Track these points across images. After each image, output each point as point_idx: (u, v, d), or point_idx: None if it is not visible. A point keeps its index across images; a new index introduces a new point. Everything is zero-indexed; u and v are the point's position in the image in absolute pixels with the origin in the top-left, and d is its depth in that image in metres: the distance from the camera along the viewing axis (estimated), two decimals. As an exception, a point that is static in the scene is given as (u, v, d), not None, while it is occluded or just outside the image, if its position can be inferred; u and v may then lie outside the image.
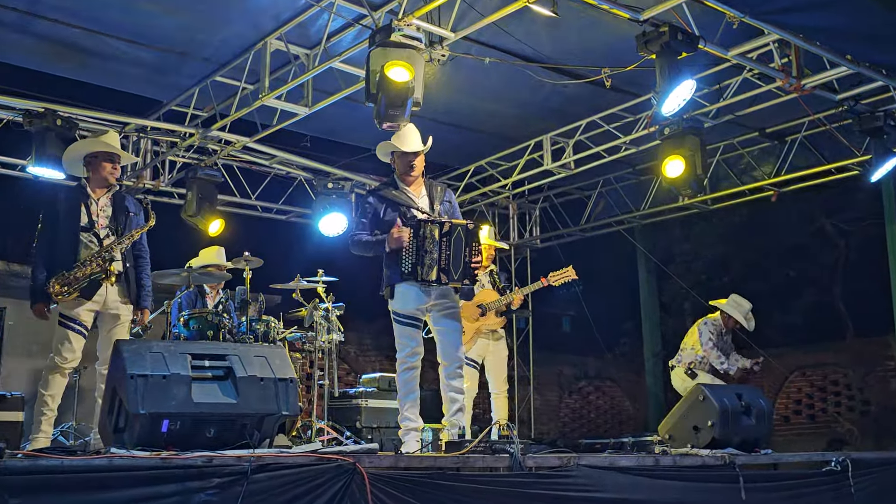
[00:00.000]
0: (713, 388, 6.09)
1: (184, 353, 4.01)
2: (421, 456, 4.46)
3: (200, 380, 3.99)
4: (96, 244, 5.32)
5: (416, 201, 5.31)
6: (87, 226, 5.34)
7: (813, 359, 13.09)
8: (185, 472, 3.50)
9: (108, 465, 3.42)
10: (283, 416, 4.13)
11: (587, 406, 14.31)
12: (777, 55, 6.77)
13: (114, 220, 5.41)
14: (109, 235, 5.37)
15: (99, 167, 5.44)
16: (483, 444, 4.62)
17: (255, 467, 3.61)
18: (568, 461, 4.70)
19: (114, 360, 4.06)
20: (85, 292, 5.24)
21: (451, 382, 5.26)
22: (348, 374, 11.63)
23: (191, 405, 3.88)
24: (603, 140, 8.80)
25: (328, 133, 9.18)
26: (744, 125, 8.92)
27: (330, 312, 7.19)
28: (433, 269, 5.10)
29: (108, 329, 5.38)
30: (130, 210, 5.51)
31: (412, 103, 5.76)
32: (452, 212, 5.43)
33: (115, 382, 4.01)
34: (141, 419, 3.79)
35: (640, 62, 6.28)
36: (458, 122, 8.65)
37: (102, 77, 7.73)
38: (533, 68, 7.24)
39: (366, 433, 7.38)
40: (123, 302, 5.39)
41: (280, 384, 4.12)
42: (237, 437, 4.00)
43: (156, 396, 3.82)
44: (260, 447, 4.00)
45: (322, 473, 3.78)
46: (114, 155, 5.50)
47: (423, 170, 5.41)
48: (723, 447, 5.79)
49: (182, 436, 3.88)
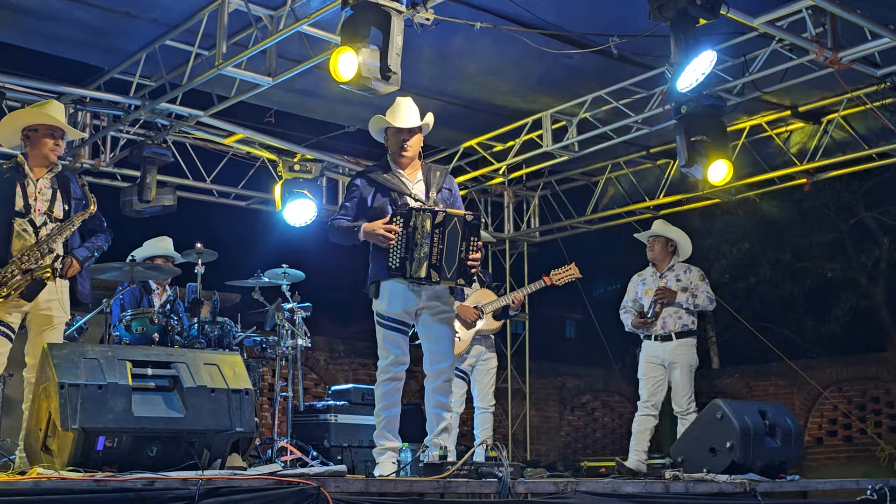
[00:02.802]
0: (733, 406, 6.14)
1: (123, 359, 4.04)
2: (395, 480, 4.49)
3: (142, 390, 4.02)
4: (31, 234, 5.25)
5: (409, 187, 5.30)
6: (21, 211, 5.25)
7: (850, 372, 13.17)
8: (123, 497, 3.52)
9: (34, 489, 3.44)
10: (237, 434, 4.16)
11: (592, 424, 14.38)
12: (811, 24, 6.81)
13: (53, 204, 5.34)
14: (47, 223, 5.31)
15: (39, 143, 5.35)
16: (467, 466, 4.66)
17: (204, 491, 3.63)
18: (565, 487, 4.74)
19: (42, 366, 4.07)
20: (26, 294, 5.15)
21: (437, 398, 5.27)
22: (317, 384, 11.65)
23: (131, 420, 3.90)
24: (611, 118, 8.83)
25: (295, 107, 9.17)
26: (772, 103, 8.97)
27: (295, 314, 7.21)
28: (423, 265, 5.11)
29: (38, 332, 5.32)
30: (74, 194, 5.43)
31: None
32: (452, 201, 5.42)
33: (42, 392, 4.03)
34: (73, 435, 3.81)
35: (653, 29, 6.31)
36: (445, 97, 8.66)
37: (34, 40, 7.70)
38: (532, 35, 7.26)
39: (335, 453, 7.41)
40: (57, 301, 5.35)
41: (234, 396, 4.15)
42: (183, 456, 4.02)
43: (90, 409, 3.84)
44: (210, 468, 4.03)
45: (281, 499, 3.81)
46: (56, 129, 5.42)
47: (419, 151, 5.42)
48: (743, 472, 5.85)
49: (120, 455, 3.90)
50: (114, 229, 5.79)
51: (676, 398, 7.05)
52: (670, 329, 7.07)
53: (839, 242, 14.11)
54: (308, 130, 9.60)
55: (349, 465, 7.34)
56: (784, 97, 8.77)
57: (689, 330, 7.09)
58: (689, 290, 7.10)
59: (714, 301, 7.21)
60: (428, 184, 5.37)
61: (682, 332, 7.06)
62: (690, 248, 7.39)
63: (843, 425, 13.13)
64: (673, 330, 7.06)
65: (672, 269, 7.24)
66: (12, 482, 3.49)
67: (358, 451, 7.49)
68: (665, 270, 7.25)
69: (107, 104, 8.43)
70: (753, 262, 14.88)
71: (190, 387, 4.07)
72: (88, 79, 8.25)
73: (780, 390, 13.55)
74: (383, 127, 5.40)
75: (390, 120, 5.34)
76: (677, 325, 7.06)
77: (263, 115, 9.24)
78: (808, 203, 13.63)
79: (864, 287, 14.09)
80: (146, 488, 3.58)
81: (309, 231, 9.45)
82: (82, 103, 8.44)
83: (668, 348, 7.08)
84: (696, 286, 7.12)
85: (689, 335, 7.10)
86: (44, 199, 5.33)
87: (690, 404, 6.99)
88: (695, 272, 7.22)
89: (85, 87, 8.21)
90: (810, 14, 6.79)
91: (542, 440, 13.22)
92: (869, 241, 14.05)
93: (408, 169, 5.37)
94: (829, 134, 9.10)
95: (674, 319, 7.08)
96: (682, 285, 7.13)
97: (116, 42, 7.71)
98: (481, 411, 7.21)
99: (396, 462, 5.23)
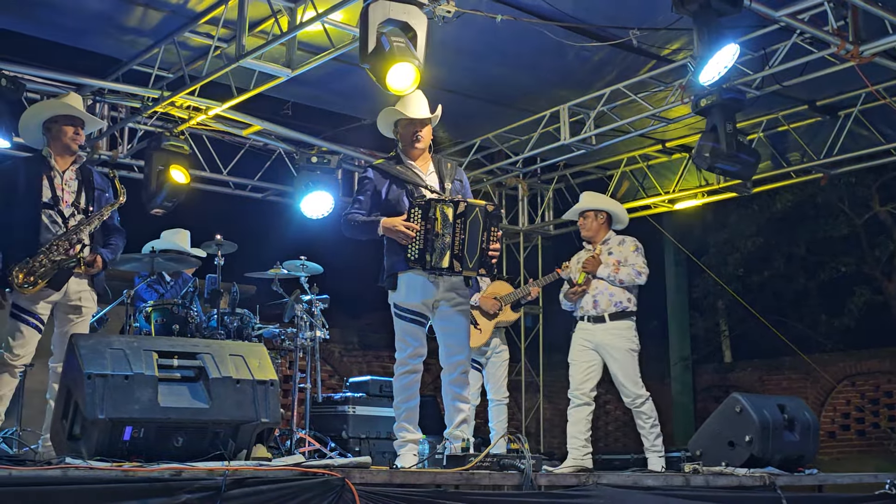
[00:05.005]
0: (752, 400, 6.13)
1: (149, 350, 4.05)
2: (419, 471, 4.48)
3: (168, 381, 4.04)
4: (61, 224, 5.29)
5: (423, 178, 5.32)
6: (49, 202, 5.30)
7: (864, 366, 13.14)
8: (150, 487, 3.53)
9: (63, 478, 3.45)
10: (262, 424, 4.17)
11: (604, 417, 14.37)
12: (832, 17, 6.76)
13: (80, 196, 5.38)
14: (75, 214, 5.35)
15: (60, 133, 5.41)
16: (489, 458, 4.65)
17: (230, 482, 3.64)
18: (586, 479, 4.75)
19: (69, 357, 4.08)
20: (53, 283, 5.21)
21: (455, 390, 5.28)
22: (331, 376, 11.67)
23: (157, 410, 3.92)
24: (629, 112, 8.80)
25: (313, 99, 9.16)
26: (790, 97, 8.91)
27: (313, 305, 7.21)
28: (445, 255, 5.10)
29: (66, 322, 5.35)
30: (97, 185, 5.48)
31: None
32: (464, 192, 5.45)
33: (69, 383, 4.04)
34: (100, 425, 3.82)
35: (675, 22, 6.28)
36: (463, 90, 8.63)
37: (53, 31, 7.70)
38: (551, 28, 7.23)
39: (353, 444, 7.42)
40: (88, 292, 5.37)
41: (259, 387, 4.16)
42: (209, 447, 4.04)
43: (117, 400, 3.86)
44: (235, 459, 4.03)
45: (306, 489, 3.82)
46: (77, 119, 5.47)
47: (430, 143, 5.41)
48: (762, 466, 5.85)
49: (146, 445, 3.92)
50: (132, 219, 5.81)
51: (622, 388, 6.29)
52: (602, 309, 6.26)
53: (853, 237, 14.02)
54: (325, 123, 9.59)
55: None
56: (801, 91, 8.71)
57: (624, 310, 6.28)
58: (622, 263, 6.33)
59: (643, 275, 6.30)
60: (441, 175, 5.38)
61: (615, 312, 6.25)
62: (626, 216, 6.65)
63: (857, 419, 13.11)
64: (605, 310, 6.26)
65: (606, 243, 6.45)
66: (41, 471, 3.50)
67: (376, 443, 7.50)
68: (599, 244, 6.47)
69: (125, 96, 8.43)
70: (767, 256, 14.82)
71: (215, 377, 4.08)
72: (107, 70, 8.25)
73: (793, 384, 13.53)
74: (394, 119, 5.40)
75: (403, 111, 5.35)
76: (610, 304, 6.26)
77: (280, 107, 9.24)
78: (823, 197, 13.55)
79: (878, 281, 14.01)
80: (173, 478, 3.59)
81: (324, 224, 9.45)
82: (101, 95, 8.43)
83: (599, 331, 6.28)
84: (627, 258, 6.33)
85: (625, 316, 6.28)
86: (70, 190, 5.38)
87: (640, 390, 6.25)
88: (628, 243, 6.42)
89: (104, 79, 8.20)
90: (832, 7, 6.73)
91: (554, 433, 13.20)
92: (883, 235, 13.96)
93: (419, 160, 5.38)
94: (847, 129, 9.05)
95: (605, 297, 6.28)
96: (614, 258, 6.36)
97: (135, 34, 7.70)
98: (496, 403, 7.22)
99: (416, 454, 5.24)
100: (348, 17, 6.74)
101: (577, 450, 6.25)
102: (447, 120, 5.65)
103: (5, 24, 7.56)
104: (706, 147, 6.79)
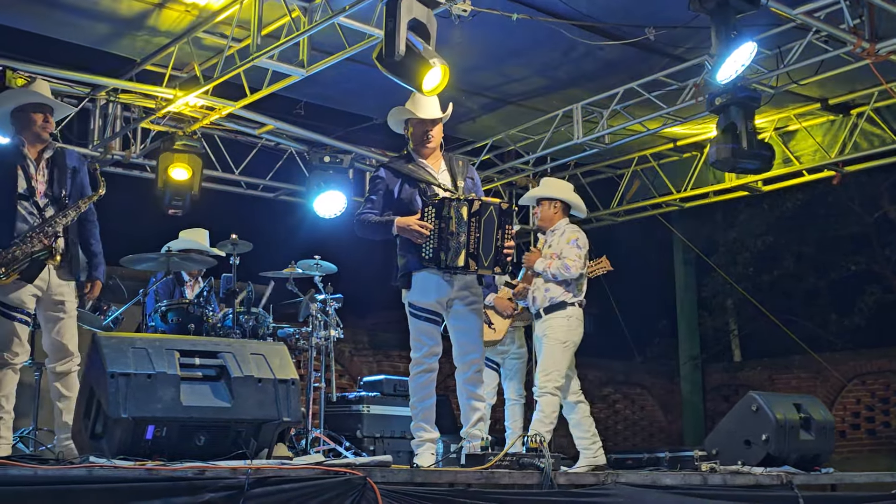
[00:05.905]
0: (768, 398, 6.11)
1: (171, 349, 4.04)
2: (440, 470, 4.48)
3: (190, 380, 4.03)
4: (37, 215, 5.21)
5: (436, 176, 5.30)
6: (25, 193, 5.19)
7: (875, 365, 13.11)
8: (174, 486, 3.53)
9: (88, 476, 3.45)
10: (284, 423, 4.16)
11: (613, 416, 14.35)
12: (849, 15, 6.75)
13: (52, 185, 5.31)
14: (49, 205, 5.29)
15: (29, 122, 5.27)
16: (509, 457, 4.65)
17: (253, 481, 3.64)
18: (605, 478, 4.74)
19: (91, 356, 4.07)
20: (26, 274, 5.11)
21: (469, 388, 5.26)
22: (341, 376, 11.65)
23: (179, 409, 3.91)
24: (642, 111, 8.78)
25: (325, 99, 9.15)
26: (802, 95, 8.89)
27: (328, 305, 7.20)
28: (460, 253, 5.09)
29: (51, 317, 5.29)
30: (70, 165, 5.33)
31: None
32: (475, 189, 5.43)
33: (92, 381, 4.04)
34: (122, 424, 3.82)
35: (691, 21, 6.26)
36: (476, 89, 8.64)
37: (67, 31, 7.70)
38: (565, 26, 7.22)
39: (367, 443, 7.41)
40: (67, 283, 5.32)
41: (280, 386, 4.15)
42: (231, 446, 4.03)
43: (139, 398, 3.85)
44: (257, 458, 4.03)
45: (328, 488, 3.82)
46: (45, 106, 5.35)
47: (441, 141, 5.40)
48: (778, 465, 5.84)
49: (169, 444, 3.92)
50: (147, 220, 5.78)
51: (536, 375, 6.19)
52: (538, 305, 6.25)
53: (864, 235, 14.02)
54: (337, 122, 9.59)
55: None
56: (814, 89, 8.69)
57: (558, 303, 6.18)
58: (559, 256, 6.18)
59: (572, 269, 6.10)
60: (453, 173, 5.37)
61: (549, 307, 6.20)
62: (583, 204, 6.49)
63: (867, 418, 13.08)
64: (541, 306, 6.23)
65: (553, 233, 6.32)
66: (66, 470, 3.50)
67: (390, 442, 7.49)
68: (547, 235, 6.34)
69: (138, 96, 8.44)
70: (777, 255, 14.82)
71: (237, 376, 4.08)
72: (121, 70, 8.25)
73: (802, 383, 13.50)
74: (405, 118, 5.38)
75: (414, 110, 5.33)
76: (545, 299, 6.21)
77: (293, 106, 9.23)
78: (833, 196, 13.54)
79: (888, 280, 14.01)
80: (196, 477, 3.59)
81: (337, 223, 9.45)
82: (114, 94, 8.44)
83: (537, 327, 6.29)
84: (562, 251, 6.17)
85: (559, 308, 6.18)
86: (44, 180, 5.29)
87: (547, 383, 6.10)
88: (566, 233, 6.25)
89: (117, 79, 8.21)
90: (848, 5, 6.72)
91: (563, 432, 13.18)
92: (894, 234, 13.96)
93: (430, 159, 5.36)
94: (859, 127, 9.03)
95: (541, 293, 6.25)
96: (552, 251, 6.24)
97: (148, 33, 7.71)
98: (512, 403, 7.19)
99: (433, 453, 5.23)
100: (362, 18, 6.73)
101: (587, 449, 6.34)
102: (461, 120, 5.63)
103: (20, 24, 7.58)
104: (726, 148, 6.76)
